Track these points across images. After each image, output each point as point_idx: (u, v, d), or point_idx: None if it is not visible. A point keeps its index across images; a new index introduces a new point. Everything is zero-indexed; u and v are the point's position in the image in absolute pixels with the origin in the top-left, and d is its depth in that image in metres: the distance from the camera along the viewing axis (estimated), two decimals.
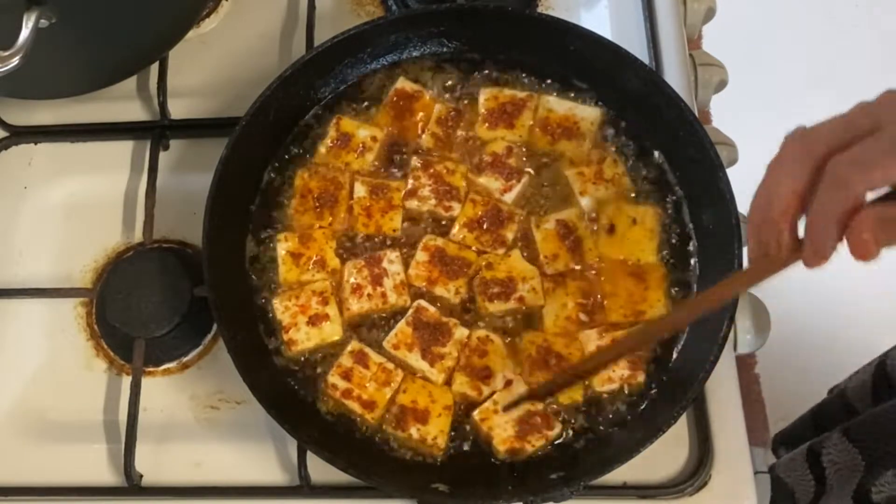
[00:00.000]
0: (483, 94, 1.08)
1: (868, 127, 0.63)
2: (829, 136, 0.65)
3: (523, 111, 1.07)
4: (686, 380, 0.92)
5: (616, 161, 1.05)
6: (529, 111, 1.08)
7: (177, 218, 1.15)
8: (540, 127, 1.07)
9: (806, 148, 0.66)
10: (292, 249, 1.02)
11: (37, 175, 1.21)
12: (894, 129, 0.62)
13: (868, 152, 0.62)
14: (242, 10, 1.28)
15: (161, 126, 1.18)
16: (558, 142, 1.06)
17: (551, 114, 1.07)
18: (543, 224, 1.03)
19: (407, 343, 0.98)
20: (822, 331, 2.29)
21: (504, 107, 1.07)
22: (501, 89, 1.09)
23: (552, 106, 1.07)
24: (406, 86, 1.09)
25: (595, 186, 1.04)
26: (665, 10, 1.20)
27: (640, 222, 1.02)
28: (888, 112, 0.64)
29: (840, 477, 1.22)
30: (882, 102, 0.65)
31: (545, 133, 1.07)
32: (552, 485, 0.90)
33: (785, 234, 0.69)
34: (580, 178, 1.04)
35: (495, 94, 1.08)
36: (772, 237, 0.70)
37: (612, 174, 1.04)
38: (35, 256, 1.16)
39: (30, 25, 0.92)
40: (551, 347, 0.97)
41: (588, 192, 1.04)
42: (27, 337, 1.13)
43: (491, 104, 1.08)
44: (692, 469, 0.98)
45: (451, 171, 1.05)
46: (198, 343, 1.10)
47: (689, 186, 1.03)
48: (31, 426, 1.08)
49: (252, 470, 1.03)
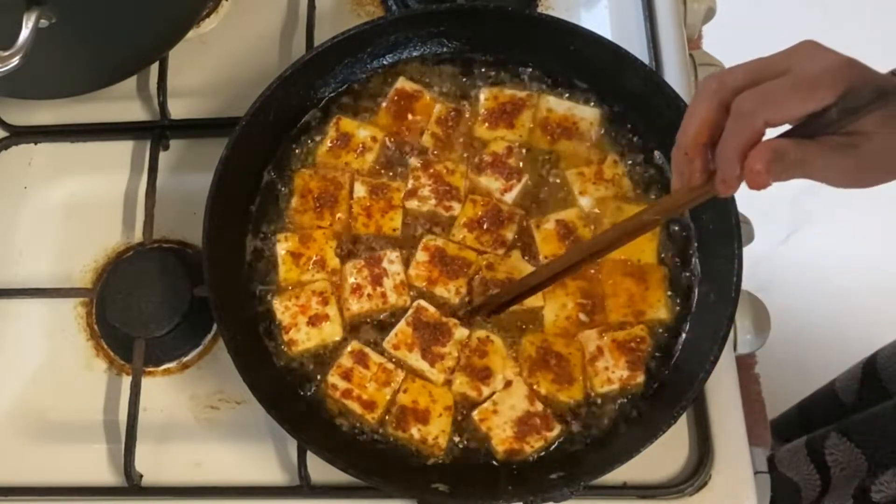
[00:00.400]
0: (483, 93, 1.09)
1: (780, 70, 0.67)
2: (742, 76, 0.69)
3: (523, 111, 1.07)
4: (686, 380, 0.92)
5: (616, 161, 1.05)
6: (529, 111, 1.08)
7: (177, 218, 1.15)
8: (540, 127, 1.07)
9: (720, 84, 0.70)
10: (292, 249, 1.02)
11: (37, 175, 1.21)
12: (800, 71, 0.66)
13: (772, 89, 0.66)
14: (242, 10, 1.28)
15: (161, 126, 1.18)
16: (558, 142, 1.06)
17: (551, 114, 1.07)
18: (543, 224, 1.03)
19: (407, 343, 0.98)
20: (822, 331, 2.29)
21: (504, 107, 1.07)
22: (502, 89, 1.09)
23: (552, 106, 1.07)
24: (406, 86, 1.09)
25: (595, 186, 1.04)
26: (665, 10, 1.20)
27: None
28: (799, 58, 0.67)
29: (844, 477, 1.23)
30: (797, 50, 0.69)
31: (545, 133, 1.07)
32: (552, 485, 0.90)
33: (696, 162, 0.73)
34: (580, 179, 1.04)
35: (495, 93, 1.08)
36: (685, 167, 0.73)
37: (612, 174, 1.04)
38: (35, 256, 1.16)
39: (30, 25, 0.92)
40: (551, 347, 0.97)
41: (588, 192, 1.04)
42: (27, 337, 1.12)
43: (491, 104, 1.08)
44: (692, 469, 0.98)
45: (450, 170, 1.05)
46: (198, 343, 1.10)
47: None
48: (31, 426, 1.08)
49: (252, 470, 1.03)
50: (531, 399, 0.96)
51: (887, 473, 1.16)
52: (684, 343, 0.98)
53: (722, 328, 0.91)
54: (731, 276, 0.93)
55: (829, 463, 1.25)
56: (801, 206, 2.48)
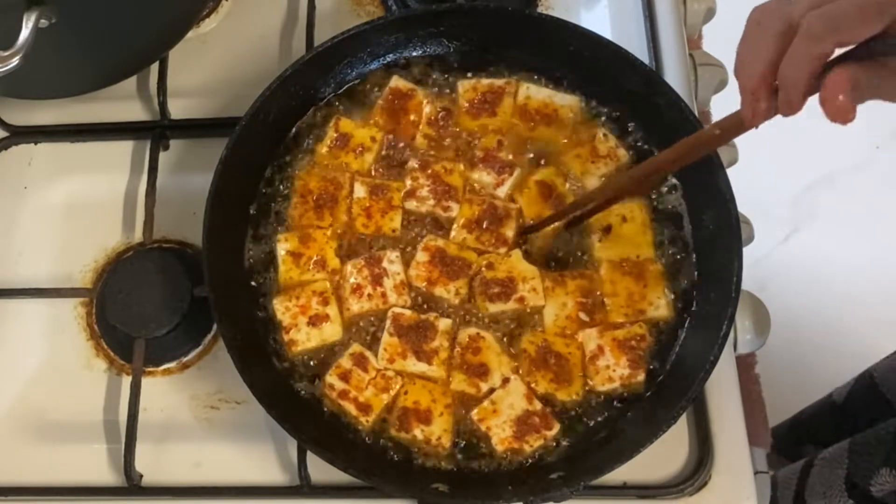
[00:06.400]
0: (461, 86, 1.09)
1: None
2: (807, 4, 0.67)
3: (503, 98, 1.08)
4: (686, 379, 0.92)
5: (606, 135, 1.05)
6: (510, 97, 1.08)
7: (177, 218, 1.15)
8: (520, 115, 1.08)
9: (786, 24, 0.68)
10: (292, 249, 1.02)
11: (37, 175, 1.21)
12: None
13: (840, 12, 0.64)
14: (242, 11, 1.28)
15: (161, 126, 1.18)
16: (538, 128, 1.07)
17: (530, 101, 1.08)
18: (524, 188, 1.04)
19: (398, 353, 0.98)
20: (822, 331, 2.29)
21: (484, 96, 1.08)
22: (479, 80, 1.09)
23: (531, 93, 1.08)
24: (400, 84, 1.09)
25: (595, 165, 1.04)
26: (665, 10, 1.20)
27: (630, 218, 1.02)
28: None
29: None
30: None
31: (527, 120, 1.07)
32: (552, 485, 0.90)
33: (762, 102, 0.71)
34: (578, 161, 1.05)
35: (473, 84, 1.09)
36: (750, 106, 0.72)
37: (606, 150, 1.04)
38: (35, 256, 1.16)
39: (30, 25, 0.92)
40: (551, 347, 0.97)
41: (590, 172, 1.04)
42: (27, 337, 1.12)
43: (470, 95, 1.08)
44: (692, 469, 0.98)
45: (448, 170, 1.05)
46: (198, 343, 1.10)
47: (688, 186, 1.03)
48: (31, 426, 1.08)
49: (252, 470, 1.03)
50: (529, 398, 0.96)
51: (882, 472, 1.15)
52: (684, 343, 0.98)
53: (722, 328, 0.91)
54: (732, 276, 0.93)
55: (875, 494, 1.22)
56: (801, 206, 2.48)
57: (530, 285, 1.00)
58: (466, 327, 0.99)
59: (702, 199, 1.01)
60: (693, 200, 1.03)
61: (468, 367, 0.97)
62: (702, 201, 1.01)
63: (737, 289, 0.93)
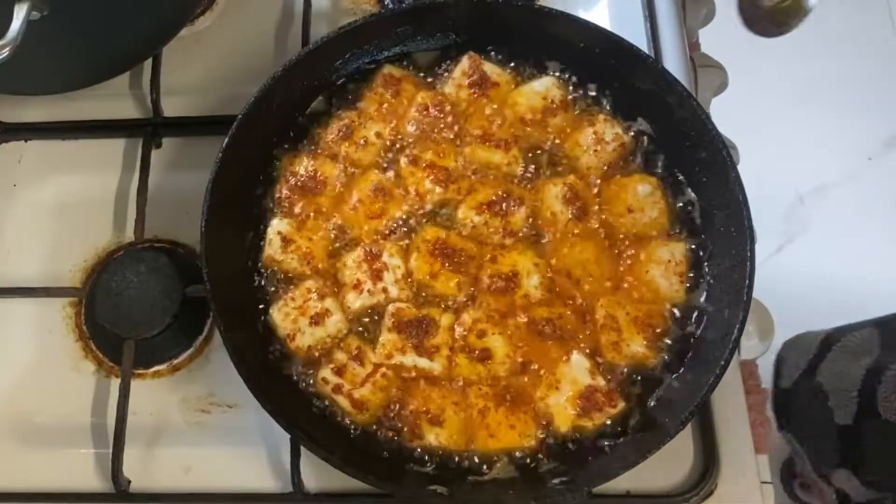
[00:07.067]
0: (458, 69, 1.07)
1: None
2: None
3: (500, 86, 1.07)
4: (694, 385, 0.90)
5: (606, 119, 1.04)
6: (507, 85, 1.07)
7: (169, 217, 1.13)
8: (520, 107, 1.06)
9: None
10: (285, 234, 1.00)
11: (26, 173, 1.19)
12: None
13: None
14: (237, 8, 1.26)
15: (154, 124, 1.17)
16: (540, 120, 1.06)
17: (527, 94, 1.06)
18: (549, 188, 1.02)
19: (398, 348, 0.96)
20: None
21: (479, 81, 1.06)
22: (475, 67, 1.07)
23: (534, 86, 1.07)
24: (393, 72, 1.08)
25: (597, 153, 1.03)
26: (665, 12, 1.19)
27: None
28: None
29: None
30: None
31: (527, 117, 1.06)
32: (555, 491, 0.88)
33: None
34: (578, 148, 1.03)
35: (467, 70, 1.07)
36: None
37: (611, 135, 1.03)
38: (24, 255, 1.14)
39: (21, 17, 0.90)
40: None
41: (594, 157, 1.03)
42: (14, 337, 1.10)
43: (463, 81, 1.07)
44: (697, 477, 0.96)
45: (442, 154, 1.03)
46: (189, 345, 1.08)
47: (699, 188, 1.01)
48: (17, 429, 1.06)
49: (243, 476, 1.01)
50: (593, 373, 0.94)
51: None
52: (693, 346, 0.96)
53: (732, 331, 0.90)
54: (743, 279, 0.91)
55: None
56: (793, 217, 2.49)
57: (536, 279, 0.98)
58: (468, 311, 0.97)
59: (713, 200, 0.99)
60: (704, 201, 1.01)
61: (471, 351, 0.95)
62: (713, 202, 0.99)
63: (748, 292, 0.91)
